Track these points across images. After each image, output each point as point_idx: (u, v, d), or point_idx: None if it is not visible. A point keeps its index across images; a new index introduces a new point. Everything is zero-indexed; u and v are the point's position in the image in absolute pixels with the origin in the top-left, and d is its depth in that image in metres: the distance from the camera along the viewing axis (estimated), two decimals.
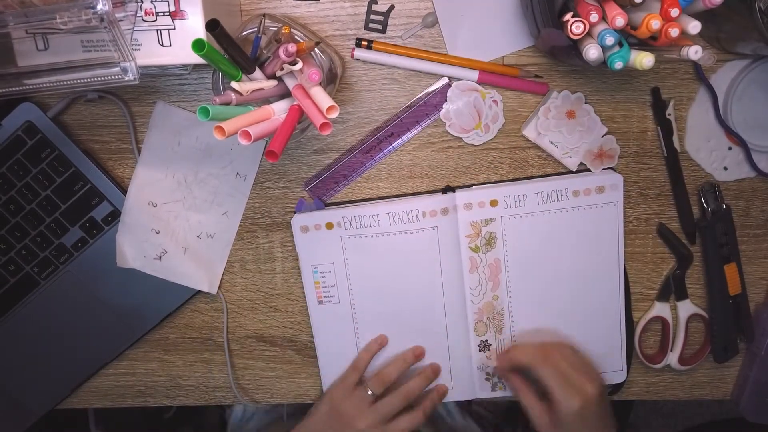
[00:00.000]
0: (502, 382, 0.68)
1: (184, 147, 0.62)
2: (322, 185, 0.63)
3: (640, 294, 0.67)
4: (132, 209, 0.63)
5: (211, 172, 0.63)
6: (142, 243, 0.64)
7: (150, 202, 0.63)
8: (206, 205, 0.64)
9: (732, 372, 0.69)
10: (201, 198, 0.63)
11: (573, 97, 0.60)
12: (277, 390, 0.71)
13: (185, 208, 0.64)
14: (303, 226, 0.63)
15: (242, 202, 0.64)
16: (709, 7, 0.46)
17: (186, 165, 0.63)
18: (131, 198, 0.63)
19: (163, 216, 0.64)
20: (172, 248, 0.64)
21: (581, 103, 0.60)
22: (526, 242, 0.64)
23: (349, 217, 0.63)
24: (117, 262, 0.64)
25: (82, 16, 0.44)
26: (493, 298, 0.65)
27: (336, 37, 0.59)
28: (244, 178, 0.63)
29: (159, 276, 0.64)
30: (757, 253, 0.65)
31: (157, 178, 0.63)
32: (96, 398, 0.71)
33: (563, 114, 0.60)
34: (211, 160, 0.62)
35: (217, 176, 0.63)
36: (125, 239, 0.63)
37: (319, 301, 0.66)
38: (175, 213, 0.64)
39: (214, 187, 0.63)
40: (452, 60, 0.59)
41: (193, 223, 0.64)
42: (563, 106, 0.60)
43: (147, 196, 0.63)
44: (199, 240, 0.64)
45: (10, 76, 0.49)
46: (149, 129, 0.62)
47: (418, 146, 0.62)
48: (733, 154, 0.62)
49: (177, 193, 0.63)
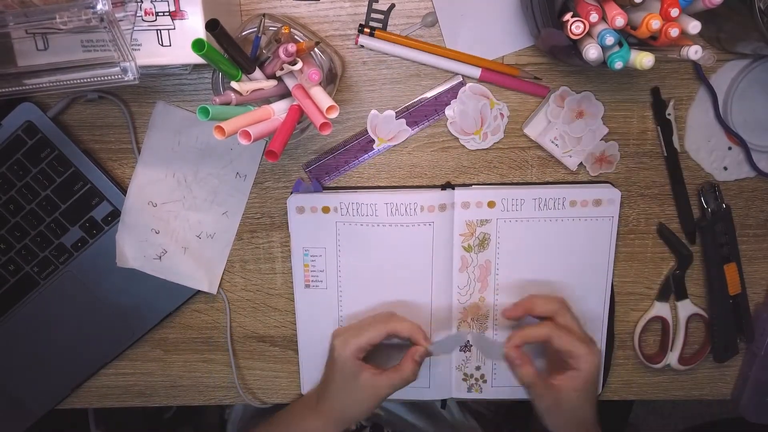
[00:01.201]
0: (478, 384, 0.68)
1: (184, 147, 0.62)
2: (321, 168, 0.63)
3: (640, 294, 0.67)
4: (132, 209, 0.63)
5: (211, 171, 0.63)
6: (141, 243, 0.64)
7: (150, 201, 0.63)
8: (206, 205, 0.64)
9: (732, 372, 0.69)
10: (201, 198, 0.63)
11: (580, 96, 0.60)
12: (277, 390, 0.71)
13: (185, 207, 0.64)
14: (299, 207, 0.63)
15: (242, 201, 0.64)
16: (709, 7, 0.46)
17: (186, 165, 0.63)
18: (131, 198, 0.63)
19: (163, 216, 0.63)
20: (172, 248, 0.64)
21: (590, 100, 0.60)
22: (519, 247, 0.64)
23: (346, 203, 0.62)
24: (117, 261, 0.64)
25: (82, 16, 0.44)
26: (479, 299, 0.66)
27: (336, 37, 0.59)
28: (244, 178, 0.63)
29: (159, 276, 0.64)
30: (757, 253, 0.65)
31: (157, 177, 0.63)
32: (96, 398, 0.71)
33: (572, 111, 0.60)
34: (211, 160, 0.62)
35: (217, 176, 0.63)
36: (125, 239, 0.63)
37: (306, 285, 0.65)
38: (175, 213, 0.64)
39: (213, 186, 0.63)
40: (455, 55, 0.59)
41: (193, 222, 0.64)
42: (574, 102, 0.60)
43: (147, 195, 0.63)
44: (199, 240, 0.64)
45: (10, 76, 0.49)
46: (149, 129, 0.62)
47: (418, 146, 0.62)
48: (733, 154, 0.62)
49: (177, 192, 0.63)
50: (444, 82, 0.60)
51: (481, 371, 0.68)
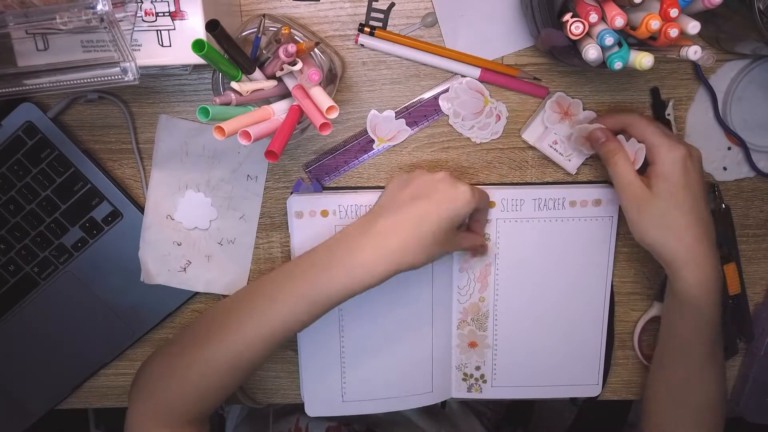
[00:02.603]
0: (478, 384, 0.68)
1: (192, 157, 0.62)
2: (321, 168, 0.63)
3: (640, 294, 0.67)
4: (151, 225, 0.63)
5: (222, 177, 0.63)
6: (165, 257, 0.64)
7: (168, 215, 0.63)
8: (222, 211, 0.64)
9: (732, 372, 0.69)
10: (216, 205, 0.64)
11: (573, 100, 0.60)
12: (277, 390, 0.71)
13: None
14: (298, 212, 0.63)
15: (257, 203, 0.64)
16: (709, 7, 0.46)
17: (197, 174, 0.63)
18: (149, 214, 0.63)
19: (182, 227, 0.64)
20: (195, 258, 0.64)
21: (579, 107, 0.60)
22: (519, 247, 0.64)
23: (345, 206, 0.62)
24: (142, 278, 0.64)
25: (82, 16, 0.44)
26: (479, 299, 0.66)
27: (336, 37, 0.59)
28: (256, 179, 0.63)
29: (186, 288, 0.65)
30: (756, 253, 0.65)
31: (171, 191, 0.63)
32: (96, 398, 0.71)
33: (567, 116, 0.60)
34: (221, 166, 0.62)
35: (229, 181, 0.63)
36: (148, 256, 0.64)
37: None
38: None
39: (227, 192, 0.63)
40: (455, 55, 0.59)
41: (212, 230, 0.64)
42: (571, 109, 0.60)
43: (164, 210, 0.63)
44: (221, 246, 0.65)
45: (10, 76, 0.49)
46: (156, 143, 0.62)
47: (418, 146, 0.62)
48: (733, 154, 0.62)
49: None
50: (444, 82, 0.60)
51: (481, 371, 0.68)
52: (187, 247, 0.64)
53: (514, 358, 0.67)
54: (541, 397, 0.70)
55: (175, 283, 0.65)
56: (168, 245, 0.64)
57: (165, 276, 0.64)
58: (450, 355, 0.67)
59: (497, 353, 0.67)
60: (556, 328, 0.66)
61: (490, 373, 0.68)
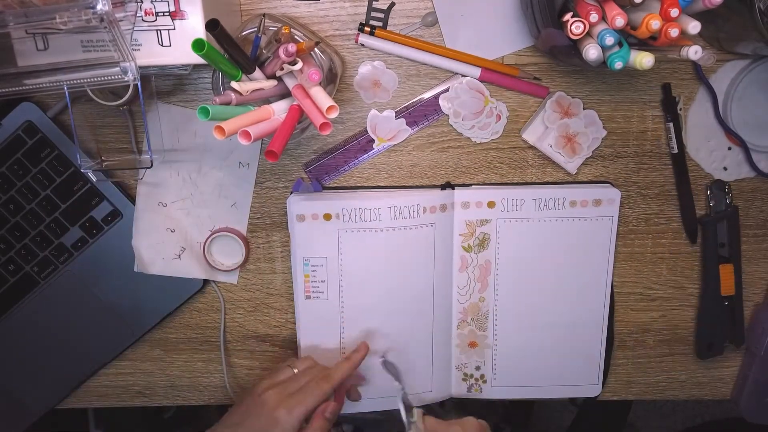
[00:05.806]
0: (478, 384, 0.68)
1: (184, 143, 0.62)
2: (321, 168, 0.63)
3: (640, 294, 0.67)
4: (143, 213, 0.63)
5: (213, 165, 0.63)
6: (159, 244, 0.64)
7: (159, 202, 0.63)
8: (214, 199, 0.64)
9: (732, 372, 0.69)
10: (208, 192, 0.63)
11: (573, 100, 0.60)
12: None
13: (194, 204, 0.64)
14: (300, 215, 0.62)
15: (249, 191, 0.64)
16: (709, 7, 0.46)
17: (188, 161, 0.63)
18: (141, 202, 0.63)
19: (175, 214, 0.64)
20: (189, 245, 0.64)
21: (579, 106, 0.60)
22: (519, 247, 0.64)
23: (349, 209, 0.62)
24: (136, 268, 0.64)
25: (82, 16, 0.44)
26: (479, 299, 0.66)
27: (336, 37, 0.59)
28: (248, 167, 0.63)
29: (182, 276, 0.64)
30: (756, 253, 0.65)
31: (162, 177, 0.63)
32: (96, 398, 0.71)
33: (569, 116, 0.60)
34: (213, 154, 0.62)
35: (221, 168, 0.63)
36: (142, 244, 0.63)
37: (307, 296, 0.65)
38: (185, 210, 0.64)
39: (218, 179, 0.63)
40: (455, 55, 0.59)
41: (204, 218, 0.64)
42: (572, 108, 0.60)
43: (156, 197, 0.63)
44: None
45: (10, 76, 0.49)
46: (148, 130, 0.62)
47: (418, 146, 0.62)
48: (733, 154, 0.62)
49: (184, 190, 0.63)
50: (444, 82, 0.60)
51: (481, 371, 0.68)
52: (180, 233, 0.64)
53: (513, 358, 0.67)
54: (540, 397, 0.70)
55: (171, 272, 0.64)
56: (162, 232, 0.64)
57: (160, 265, 0.64)
58: (450, 355, 0.67)
59: (497, 353, 0.67)
60: (555, 328, 0.66)
61: (489, 373, 0.68)
